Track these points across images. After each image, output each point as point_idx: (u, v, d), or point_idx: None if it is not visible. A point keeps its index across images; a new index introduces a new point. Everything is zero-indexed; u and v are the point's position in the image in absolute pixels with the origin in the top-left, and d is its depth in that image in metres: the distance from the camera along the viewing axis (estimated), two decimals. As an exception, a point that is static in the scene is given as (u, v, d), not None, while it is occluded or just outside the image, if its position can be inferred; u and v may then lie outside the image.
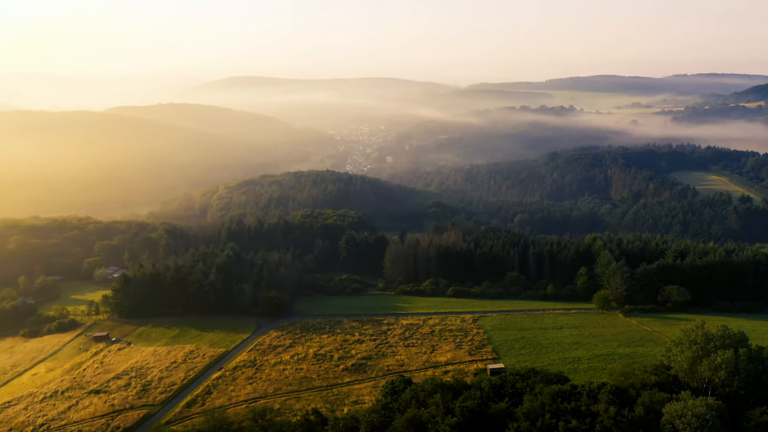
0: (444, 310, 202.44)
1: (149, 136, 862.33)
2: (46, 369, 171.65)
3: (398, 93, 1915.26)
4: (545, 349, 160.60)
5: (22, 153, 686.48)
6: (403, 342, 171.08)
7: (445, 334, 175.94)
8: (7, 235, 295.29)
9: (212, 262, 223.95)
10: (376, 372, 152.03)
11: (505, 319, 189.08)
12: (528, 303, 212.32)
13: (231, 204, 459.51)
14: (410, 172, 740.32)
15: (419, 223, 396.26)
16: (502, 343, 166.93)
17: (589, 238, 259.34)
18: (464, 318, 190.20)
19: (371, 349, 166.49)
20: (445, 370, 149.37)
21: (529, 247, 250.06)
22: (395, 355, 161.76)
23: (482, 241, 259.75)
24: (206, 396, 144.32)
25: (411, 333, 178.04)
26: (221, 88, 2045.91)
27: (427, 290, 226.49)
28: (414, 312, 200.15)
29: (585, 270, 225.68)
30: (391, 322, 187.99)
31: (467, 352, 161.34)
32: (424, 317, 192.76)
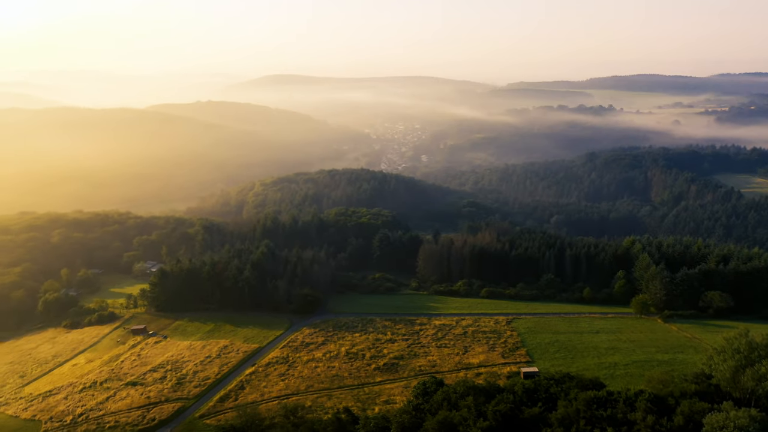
0: (477, 311, 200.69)
1: (188, 133, 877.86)
2: (86, 360, 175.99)
3: (434, 91, 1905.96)
4: (580, 354, 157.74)
5: (67, 149, 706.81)
6: (435, 342, 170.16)
7: (478, 335, 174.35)
8: (51, 228, 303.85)
9: (247, 258, 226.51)
10: (407, 372, 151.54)
11: (539, 322, 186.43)
12: (563, 306, 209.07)
13: (266, 201, 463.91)
14: (445, 171, 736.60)
15: (453, 222, 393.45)
16: (537, 346, 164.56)
17: (627, 240, 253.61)
18: (498, 320, 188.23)
19: (403, 348, 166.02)
20: (477, 372, 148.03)
21: (566, 249, 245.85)
22: (427, 356, 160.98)
23: (517, 241, 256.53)
24: (239, 391, 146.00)
25: (444, 334, 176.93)
26: (259, 86, 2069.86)
27: (461, 291, 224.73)
28: (447, 312, 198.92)
29: (623, 273, 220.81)
30: (423, 322, 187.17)
31: (500, 354, 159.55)
32: (457, 318, 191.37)
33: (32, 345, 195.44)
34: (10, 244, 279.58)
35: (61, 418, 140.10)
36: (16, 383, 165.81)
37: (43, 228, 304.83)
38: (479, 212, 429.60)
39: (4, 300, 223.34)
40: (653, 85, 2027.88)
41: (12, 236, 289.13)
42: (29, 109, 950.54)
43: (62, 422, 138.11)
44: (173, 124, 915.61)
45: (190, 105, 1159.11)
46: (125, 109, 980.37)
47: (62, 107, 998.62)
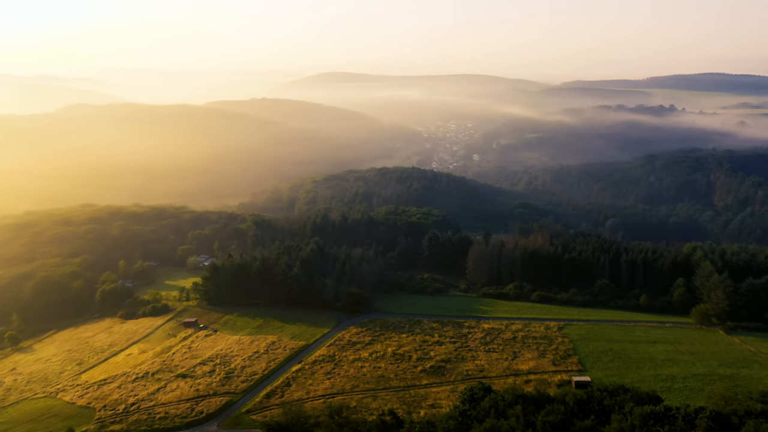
0: (528, 315, 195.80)
1: (243, 129, 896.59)
2: (139, 350, 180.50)
3: (488, 90, 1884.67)
4: (636, 364, 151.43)
5: (128, 143, 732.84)
6: (483, 346, 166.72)
7: (528, 341, 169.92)
8: (111, 220, 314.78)
9: (297, 255, 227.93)
10: (454, 376, 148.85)
11: (592, 329, 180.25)
12: (618, 313, 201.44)
13: (317, 198, 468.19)
14: (497, 171, 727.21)
15: (504, 223, 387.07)
16: (589, 354, 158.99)
17: (688, 247, 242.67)
18: (549, 325, 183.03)
19: (450, 351, 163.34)
20: (526, 379, 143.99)
21: (622, 253, 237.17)
22: (475, 360, 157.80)
23: (571, 245, 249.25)
24: (285, 388, 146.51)
25: (492, 338, 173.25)
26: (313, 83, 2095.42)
27: (511, 294, 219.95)
28: (496, 316, 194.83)
29: (682, 281, 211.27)
30: (472, 325, 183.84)
31: (551, 361, 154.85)
32: (506, 322, 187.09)
33: (90, 334, 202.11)
34: (71, 236, 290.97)
35: (114, 407, 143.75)
36: (73, 370, 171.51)
37: (103, 220, 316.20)
38: (531, 214, 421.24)
39: (65, 289, 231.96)
40: (718, 84, 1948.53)
41: (73, 228, 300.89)
42: (94, 105, 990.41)
43: (115, 411, 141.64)
44: (229, 121, 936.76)
45: (246, 102, 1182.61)
46: (184, 105, 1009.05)
47: (125, 103, 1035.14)
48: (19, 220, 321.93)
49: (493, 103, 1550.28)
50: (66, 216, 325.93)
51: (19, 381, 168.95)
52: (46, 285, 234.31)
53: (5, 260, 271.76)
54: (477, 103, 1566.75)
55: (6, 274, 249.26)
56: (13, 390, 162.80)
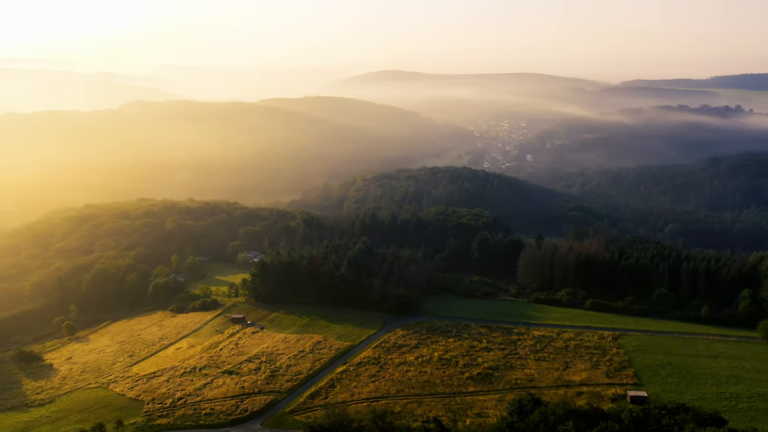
0: (580, 323, 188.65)
1: (296, 127, 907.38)
2: (188, 345, 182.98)
3: (542, 89, 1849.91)
4: (696, 380, 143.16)
5: (186, 139, 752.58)
6: (533, 354, 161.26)
7: (580, 350, 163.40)
8: (166, 215, 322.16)
9: (344, 254, 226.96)
10: (502, 384, 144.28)
11: (649, 340, 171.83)
12: (677, 324, 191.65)
13: (367, 197, 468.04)
14: (550, 172, 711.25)
15: (557, 226, 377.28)
16: (646, 367, 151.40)
17: (755, 256, 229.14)
18: (603, 335, 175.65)
19: (499, 358, 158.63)
20: (578, 391, 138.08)
21: (682, 261, 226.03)
22: (524, 368, 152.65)
23: (627, 251, 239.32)
24: (329, 389, 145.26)
25: (543, 346, 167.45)
26: (366, 82, 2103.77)
27: (563, 300, 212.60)
28: (547, 323, 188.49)
29: (748, 293, 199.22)
30: (521, 332, 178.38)
31: (605, 373, 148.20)
32: (558, 329, 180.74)
33: (142, 326, 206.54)
34: (128, 229, 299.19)
35: (161, 401, 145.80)
36: (125, 362, 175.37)
37: (159, 214, 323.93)
38: (586, 217, 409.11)
39: (120, 282, 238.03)
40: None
41: (130, 221, 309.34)
42: (154, 101, 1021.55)
43: (162, 404, 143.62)
44: (282, 118, 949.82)
45: (299, 99, 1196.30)
46: (238, 102, 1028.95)
47: (182, 100, 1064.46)
48: (80, 212, 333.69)
49: (548, 103, 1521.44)
50: (124, 209, 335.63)
51: (74, 370, 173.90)
52: (102, 277, 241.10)
53: (66, 251, 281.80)
54: (531, 103, 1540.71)
55: (66, 265, 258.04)
56: (68, 379, 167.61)
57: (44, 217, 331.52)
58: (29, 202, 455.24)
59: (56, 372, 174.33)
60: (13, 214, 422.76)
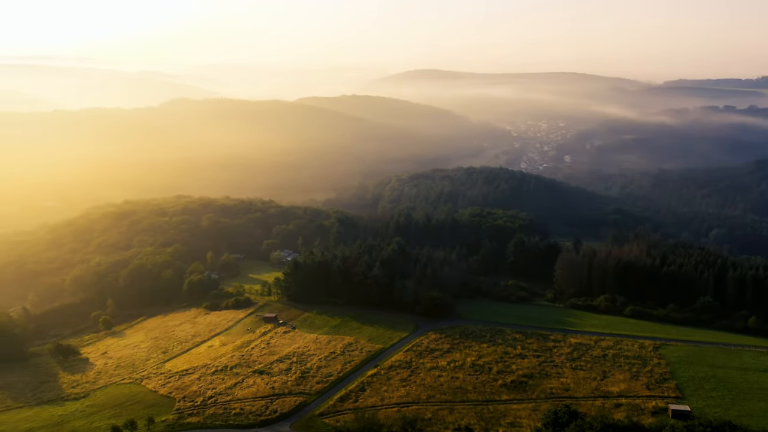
0: (619, 331, 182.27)
1: (333, 125, 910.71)
2: (221, 343, 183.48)
3: (582, 89, 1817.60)
4: (743, 395, 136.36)
5: (224, 137, 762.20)
6: (570, 363, 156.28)
7: (619, 360, 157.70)
8: (203, 212, 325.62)
9: (377, 255, 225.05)
10: (537, 393, 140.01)
11: (693, 351, 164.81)
12: (722, 335, 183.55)
13: (402, 196, 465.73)
14: (590, 173, 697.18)
15: (596, 230, 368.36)
16: (689, 380, 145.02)
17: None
18: (643, 344, 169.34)
19: (534, 366, 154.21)
20: (616, 403, 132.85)
21: (728, 269, 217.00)
22: (560, 377, 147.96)
23: (670, 257, 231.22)
24: (360, 393, 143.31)
25: (580, 354, 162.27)
26: (402, 80, 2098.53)
27: (601, 307, 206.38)
28: (585, 330, 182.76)
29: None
30: (558, 339, 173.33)
31: (645, 385, 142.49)
32: (595, 337, 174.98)
33: (176, 323, 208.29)
34: (165, 226, 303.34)
35: (192, 399, 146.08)
36: (158, 358, 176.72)
37: (195, 211, 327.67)
38: (626, 220, 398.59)
39: (156, 278, 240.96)
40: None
41: (167, 218, 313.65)
42: (194, 99, 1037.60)
43: (193, 403, 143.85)
44: (319, 117, 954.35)
45: (336, 98, 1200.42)
46: (276, 101, 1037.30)
47: (221, 99, 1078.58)
48: (119, 209, 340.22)
49: (588, 103, 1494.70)
50: (162, 206, 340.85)
51: (108, 365, 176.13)
52: (139, 273, 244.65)
53: (105, 247, 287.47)
54: (570, 102, 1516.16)
55: (105, 261, 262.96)
56: (103, 374, 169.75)
57: (85, 213, 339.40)
58: (72, 198, 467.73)
59: (92, 366, 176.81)
60: (57, 209, 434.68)
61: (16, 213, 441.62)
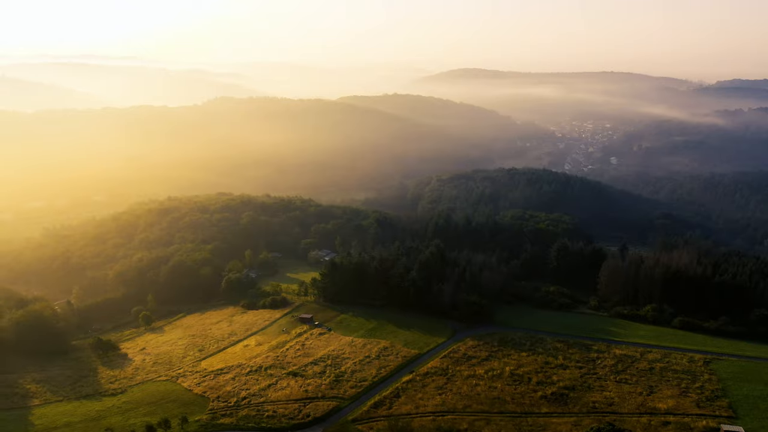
0: (667, 343, 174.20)
1: (374, 124, 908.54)
2: (256, 342, 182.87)
3: (629, 88, 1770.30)
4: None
5: (266, 136, 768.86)
6: (614, 375, 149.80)
7: (666, 374, 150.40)
8: (242, 210, 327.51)
9: (416, 257, 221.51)
10: (579, 406, 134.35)
11: (747, 368, 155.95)
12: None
13: (442, 197, 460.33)
14: (637, 176, 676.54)
15: (643, 235, 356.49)
16: (743, 398, 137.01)
17: None
18: (692, 357, 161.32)
19: (576, 377, 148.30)
20: (664, 421, 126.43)
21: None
22: (603, 390, 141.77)
23: (723, 266, 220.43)
24: (394, 399, 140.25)
25: (625, 366, 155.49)
26: (445, 80, 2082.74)
27: (648, 316, 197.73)
28: (630, 341, 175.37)
29: None
30: (601, 349, 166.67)
31: (694, 402, 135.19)
32: (641, 349, 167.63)
33: (213, 320, 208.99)
34: (206, 223, 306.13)
35: (226, 399, 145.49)
36: (195, 356, 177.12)
37: (235, 209, 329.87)
38: (675, 226, 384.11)
39: (195, 275, 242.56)
40: None
41: (208, 215, 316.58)
42: (237, 98, 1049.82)
43: (227, 403, 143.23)
44: (360, 116, 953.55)
45: (378, 97, 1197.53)
46: (318, 100, 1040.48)
47: (264, 97, 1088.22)
48: (162, 205, 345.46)
49: (636, 103, 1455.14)
50: (203, 203, 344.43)
51: (146, 361, 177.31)
52: (179, 269, 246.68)
53: (147, 243, 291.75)
54: (617, 102, 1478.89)
55: (146, 256, 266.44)
56: (140, 370, 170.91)
57: (129, 209, 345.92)
58: (119, 193, 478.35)
59: (130, 362, 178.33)
60: (105, 204, 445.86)
61: (65, 207, 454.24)
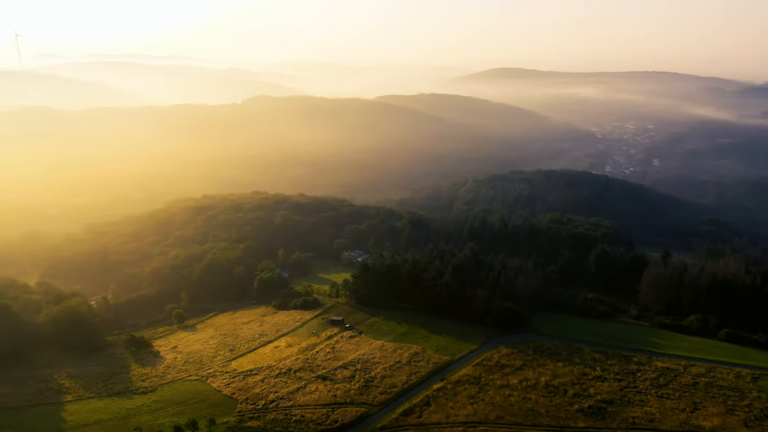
0: (713, 357, 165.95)
1: (410, 124, 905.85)
2: (286, 344, 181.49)
3: (674, 89, 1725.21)
4: None
5: (303, 134, 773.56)
6: (655, 390, 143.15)
7: (712, 390, 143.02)
8: (276, 209, 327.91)
9: (449, 260, 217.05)
10: (617, 422, 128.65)
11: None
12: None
13: (477, 198, 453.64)
14: (680, 179, 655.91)
15: (686, 241, 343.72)
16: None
17: None
18: (740, 373, 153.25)
19: (614, 391, 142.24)
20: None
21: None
22: (644, 405, 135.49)
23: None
24: (424, 408, 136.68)
25: (667, 380, 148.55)
26: (483, 79, 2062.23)
27: (692, 327, 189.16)
28: (673, 353, 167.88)
29: None
30: (642, 362, 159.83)
31: (742, 421, 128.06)
32: (685, 362, 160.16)
33: (244, 320, 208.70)
34: (240, 221, 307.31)
35: (254, 401, 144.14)
36: (225, 356, 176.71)
37: (270, 208, 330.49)
38: (721, 232, 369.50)
39: (228, 274, 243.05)
40: None
41: (242, 214, 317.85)
42: (276, 96, 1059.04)
43: (255, 406, 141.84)
44: (396, 115, 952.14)
45: (414, 97, 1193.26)
46: (355, 99, 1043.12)
47: (302, 96, 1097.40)
48: (198, 203, 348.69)
49: (680, 104, 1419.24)
50: (238, 202, 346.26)
51: (177, 360, 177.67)
52: (212, 267, 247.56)
53: (182, 240, 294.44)
54: (661, 103, 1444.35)
55: (181, 254, 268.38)
56: (171, 368, 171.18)
57: (166, 206, 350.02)
58: (158, 190, 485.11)
59: (161, 360, 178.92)
60: (144, 201, 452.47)
61: (107, 203, 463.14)
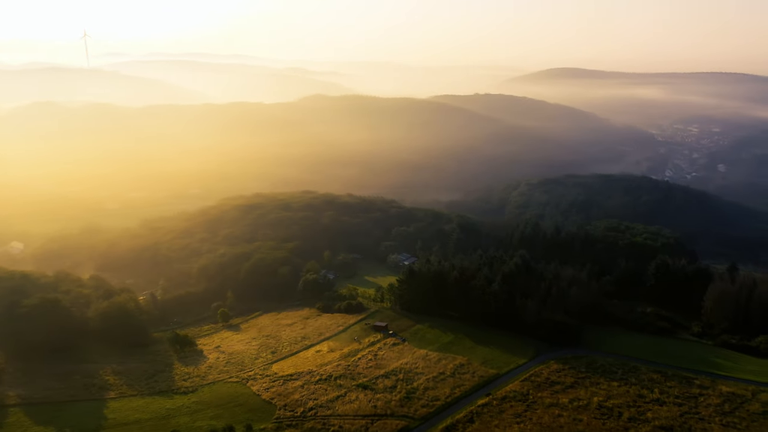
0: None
1: (464, 124, 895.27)
2: (328, 348, 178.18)
3: (742, 90, 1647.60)
4: None
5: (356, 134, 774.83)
6: (719, 417, 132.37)
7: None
8: (325, 209, 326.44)
9: (499, 268, 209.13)
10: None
11: None
12: None
13: (530, 202, 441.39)
14: (748, 186, 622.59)
15: (755, 253, 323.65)
16: None
17: None
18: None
19: (674, 416, 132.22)
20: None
21: None
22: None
23: None
24: (467, 424, 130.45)
25: (733, 407, 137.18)
26: (540, 80, 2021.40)
27: (761, 348, 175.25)
28: (739, 376, 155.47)
29: None
30: (705, 385, 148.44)
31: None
32: (753, 387, 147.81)
33: (288, 321, 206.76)
34: (288, 221, 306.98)
35: (293, 408, 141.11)
36: (266, 358, 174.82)
37: (318, 208, 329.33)
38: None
39: (274, 274, 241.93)
40: None
41: (291, 213, 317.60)
42: (330, 96, 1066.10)
43: (293, 413, 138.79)
44: (451, 115, 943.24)
45: (469, 97, 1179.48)
46: (409, 98, 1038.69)
47: (356, 95, 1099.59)
48: (248, 201, 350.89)
49: (749, 106, 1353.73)
50: (287, 201, 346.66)
51: (220, 360, 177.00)
52: (259, 267, 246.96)
53: (231, 239, 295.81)
54: (727, 105, 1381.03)
55: (229, 252, 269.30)
56: (213, 369, 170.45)
57: (217, 204, 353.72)
58: (213, 187, 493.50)
59: (204, 359, 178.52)
60: (199, 197, 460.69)
61: (163, 199, 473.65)
